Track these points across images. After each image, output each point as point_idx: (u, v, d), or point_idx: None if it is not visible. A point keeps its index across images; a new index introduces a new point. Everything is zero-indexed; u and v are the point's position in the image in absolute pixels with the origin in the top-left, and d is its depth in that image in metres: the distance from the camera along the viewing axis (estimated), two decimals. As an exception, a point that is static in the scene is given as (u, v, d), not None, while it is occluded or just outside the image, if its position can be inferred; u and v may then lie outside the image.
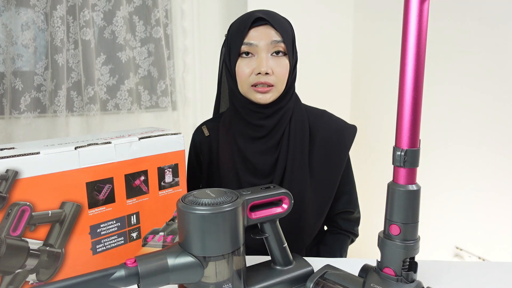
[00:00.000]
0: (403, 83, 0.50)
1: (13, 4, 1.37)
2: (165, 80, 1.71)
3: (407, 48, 0.48)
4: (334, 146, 0.85)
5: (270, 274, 0.63)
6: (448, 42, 1.51)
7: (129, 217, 0.65)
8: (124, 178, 0.64)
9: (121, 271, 0.48)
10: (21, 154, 0.54)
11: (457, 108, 1.51)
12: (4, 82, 1.39)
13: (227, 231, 0.53)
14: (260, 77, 0.76)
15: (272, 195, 0.61)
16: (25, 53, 1.42)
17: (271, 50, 0.76)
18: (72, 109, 1.53)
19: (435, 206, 1.57)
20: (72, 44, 1.49)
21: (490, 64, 1.37)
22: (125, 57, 1.61)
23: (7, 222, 0.53)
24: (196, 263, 0.52)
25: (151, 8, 1.66)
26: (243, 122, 0.83)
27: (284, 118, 0.82)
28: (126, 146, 0.64)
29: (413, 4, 0.47)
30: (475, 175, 1.46)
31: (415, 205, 0.52)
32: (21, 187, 0.54)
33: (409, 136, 0.50)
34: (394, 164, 0.52)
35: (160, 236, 0.70)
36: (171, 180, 0.70)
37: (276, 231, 0.64)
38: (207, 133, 0.91)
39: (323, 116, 0.89)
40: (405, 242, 0.52)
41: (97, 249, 0.62)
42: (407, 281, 0.53)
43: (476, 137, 1.44)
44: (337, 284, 0.58)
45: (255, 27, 0.76)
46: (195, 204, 0.52)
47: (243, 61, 0.78)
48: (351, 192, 0.92)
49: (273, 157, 0.83)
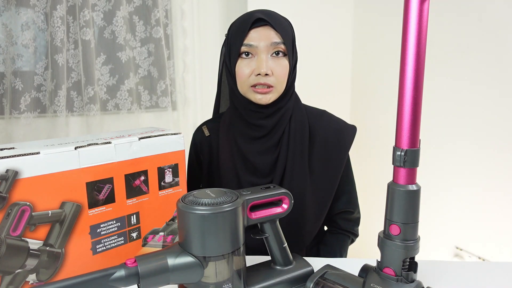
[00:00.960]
0: (403, 83, 0.50)
1: (13, 4, 1.37)
2: (165, 80, 1.71)
3: (407, 48, 0.48)
4: (333, 146, 0.86)
5: (270, 274, 0.63)
6: (448, 42, 1.51)
7: (129, 217, 0.65)
8: (124, 178, 0.64)
9: (121, 271, 0.48)
10: (21, 154, 0.54)
11: (457, 108, 1.51)
12: (4, 82, 1.39)
13: (227, 231, 0.53)
14: (260, 78, 0.76)
15: (272, 195, 0.61)
16: (25, 53, 1.42)
17: (271, 51, 0.76)
18: (72, 109, 1.53)
19: (435, 206, 1.57)
20: (72, 44, 1.49)
21: (490, 64, 1.37)
22: (125, 57, 1.61)
23: (7, 222, 0.53)
24: (196, 263, 0.52)
25: (151, 8, 1.66)
26: (243, 122, 0.83)
27: (284, 117, 0.82)
28: (126, 146, 0.64)
29: (413, 4, 0.47)
30: (475, 175, 1.46)
31: (415, 205, 0.52)
32: (21, 187, 0.54)
33: (409, 136, 0.50)
34: (394, 164, 0.52)
35: (160, 236, 0.70)
36: (171, 180, 0.70)
37: (276, 231, 0.64)
38: (207, 133, 0.91)
39: (323, 116, 0.89)
40: (405, 242, 0.52)
41: (97, 249, 0.62)
42: (407, 281, 0.53)
43: (476, 137, 1.44)
44: (337, 284, 0.58)
45: (255, 28, 0.76)
46: (195, 204, 0.52)
47: (243, 62, 0.78)
48: (351, 192, 0.92)
49: (273, 157, 0.83)
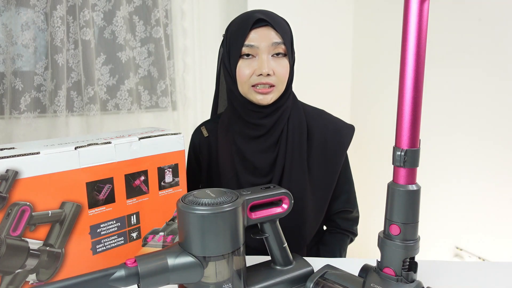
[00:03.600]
0: (403, 83, 0.50)
1: (13, 4, 1.37)
2: (165, 80, 1.71)
3: (407, 48, 0.48)
4: (332, 146, 0.86)
5: (270, 274, 0.63)
6: (448, 42, 1.51)
7: (129, 217, 0.65)
8: (124, 178, 0.64)
9: (121, 271, 0.48)
10: (21, 154, 0.54)
11: (457, 108, 1.51)
12: (4, 82, 1.39)
13: (227, 231, 0.53)
14: (262, 78, 0.76)
15: (272, 195, 0.61)
16: (25, 53, 1.42)
17: (271, 51, 0.77)
18: (72, 109, 1.53)
19: (435, 206, 1.57)
20: (72, 44, 1.49)
21: (490, 64, 1.37)
22: (125, 57, 1.61)
23: (7, 222, 0.53)
24: (196, 263, 0.52)
25: (151, 8, 1.65)
26: (242, 122, 0.83)
27: (282, 117, 0.82)
28: (126, 146, 0.64)
29: (413, 4, 0.47)
30: (475, 175, 1.46)
31: (415, 205, 0.52)
32: (21, 187, 0.54)
33: (409, 136, 0.50)
34: (394, 164, 0.52)
35: (160, 236, 0.70)
36: (171, 180, 0.70)
37: (276, 231, 0.64)
38: (206, 133, 0.91)
39: (321, 116, 0.89)
40: (405, 242, 0.52)
41: (97, 249, 0.62)
42: (407, 281, 0.53)
43: (476, 137, 1.44)
44: (337, 284, 0.58)
45: (255, 28, 0.76)
46: (195, 204, 0.52)
47: (243, 62, 0.78)
48: (349, 191, 0.92)
49: (271, 156, 0.83)
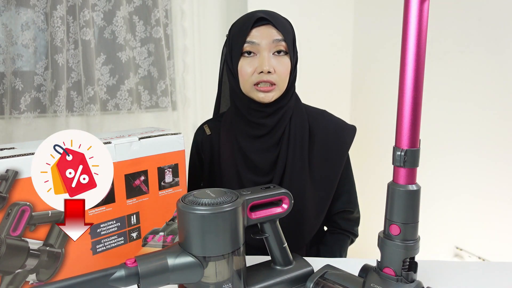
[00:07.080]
0: (403, 83, 0.50)
1: (13, 4, 1.37)
2: (165, 80, 1.71)
3: (407, 48, 0.48)
4: (333, 146, 0.86)
5: (270, 274, 0.63)
6: (448, 42, 1.51)
7: (129, 217, 0.65)
8: (124, 178, 0.64)
9: (121, 271, 0.48)
10: (21, 154, 0.54)
11: (457, 108, 1.51)
12: (4, 82, 1.39)
13: (227, 231, 0.53)
14: (263, 75, 0.76)
15: (272, 195, 0.61)
16: (25, 53, 1.42)
17: (272, 49, 0.77)
18: (72, 109, 1.53)
19: (435, 206, 1.57)
20: (72, 44, 1.49)
21: (490, 64, 1.37)
22: (125, 57, 1.61)
23: (7, 222, 0.53)
24: (196, 263, 0.52)
25: (151, 8, 1.66)
26: (244, 121, 0.83)
27: (284, 117, 0.83)
28: (126, 146, 0.64)
29: (413, 4, 0.47)
30: (475, 175, 1.46)
31: (415, 205, 0.52)
32: (21, 187, 0.54)
33: (409, 136, 0.50)
34: (394, 164, 0.52)
35: (160, 236, 0.69)
36: (171, 180, 0.70)
37: (276, 231, 0.64)
38: (209, 131, 0.91)
39: (323, 116, 0.89)
40: (405, 242, 0.52)
41: (97, 249, 0.62)
42: (407, 281, 0.53)
43: (476, 137, 1.44)
44: (337, 284, 0.58)
45: (257, 26, 0.77)
46: (195, 204, 0.52)
47: (245, 60, 0.78)
48: (350, 192, 0.92)
49: (273, 155, 0.83)
